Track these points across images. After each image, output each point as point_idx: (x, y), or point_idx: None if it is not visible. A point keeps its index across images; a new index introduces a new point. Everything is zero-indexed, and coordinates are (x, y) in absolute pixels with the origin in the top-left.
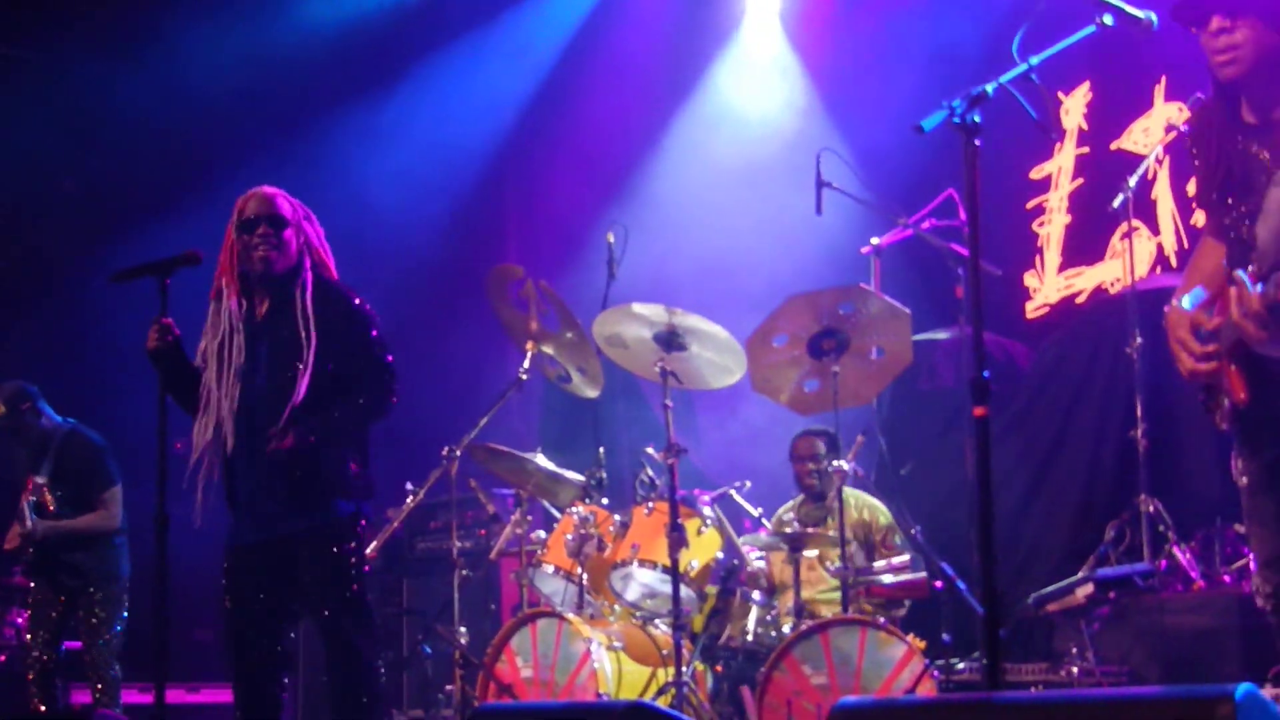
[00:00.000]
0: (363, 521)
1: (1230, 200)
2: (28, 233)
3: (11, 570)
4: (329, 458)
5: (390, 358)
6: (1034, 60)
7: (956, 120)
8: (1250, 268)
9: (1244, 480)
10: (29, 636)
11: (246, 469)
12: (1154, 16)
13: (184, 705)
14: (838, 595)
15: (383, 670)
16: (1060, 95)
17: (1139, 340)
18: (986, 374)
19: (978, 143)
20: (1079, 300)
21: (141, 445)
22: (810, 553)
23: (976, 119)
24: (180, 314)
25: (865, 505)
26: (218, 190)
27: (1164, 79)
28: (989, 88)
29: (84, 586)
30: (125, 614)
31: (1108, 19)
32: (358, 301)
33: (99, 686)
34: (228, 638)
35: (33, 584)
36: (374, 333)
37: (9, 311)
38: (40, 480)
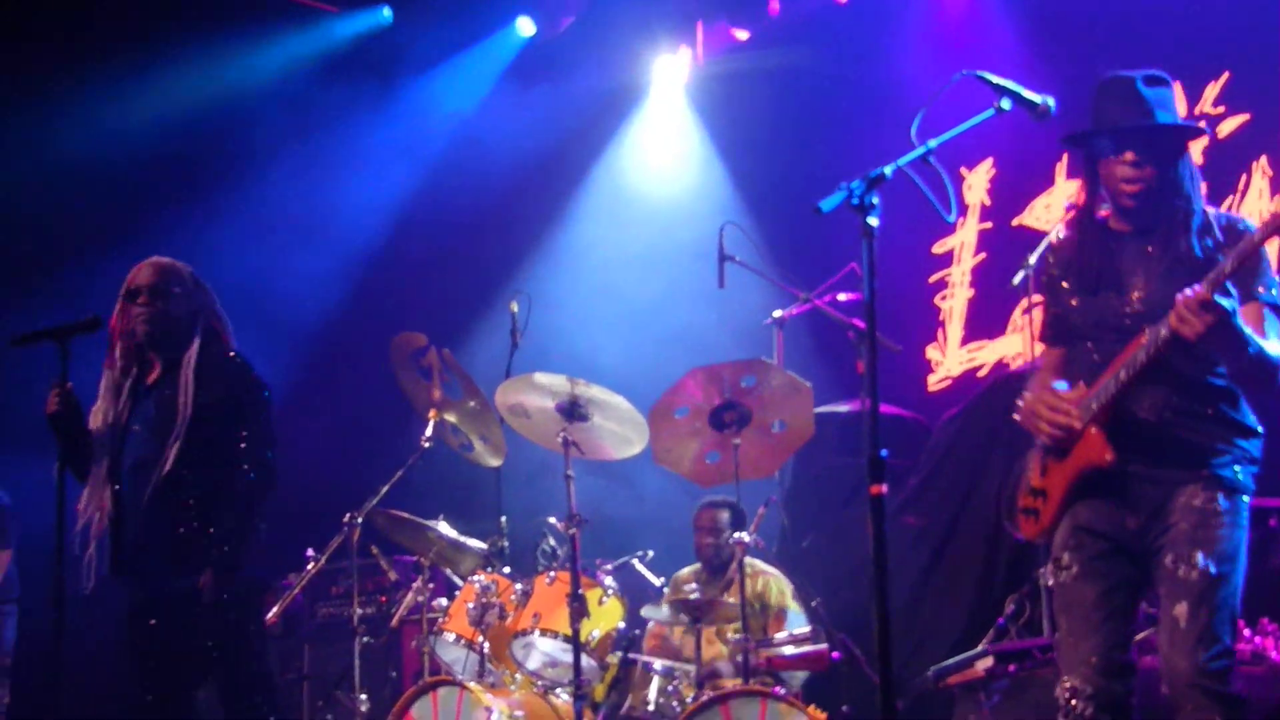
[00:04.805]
0: (258, 587)
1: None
2: None
3: None
4: (197, 527)
5: (270, 453)
6: (932, 143)
7: (854, 202)
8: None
9: (1072, 570)
10: None
11: (131, 532)
12: (1051, 102)
13: None
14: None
15: None
16: (964, 171)
17: None
18: (884, 452)
19: (875, 223)
20: (980, 374)
21: (34, 511)
22: (712, 628)
23: (874, 200)
24: (80, 378)
25: (764, 574)
26: (120, 254)
27: (1065, 157)
28: (887, 170)
29: None
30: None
31: (1005, 104)
32: (249, 378)
33: None
34: (135, 704)
35: None
36: (260, 413)
37: None
38: None
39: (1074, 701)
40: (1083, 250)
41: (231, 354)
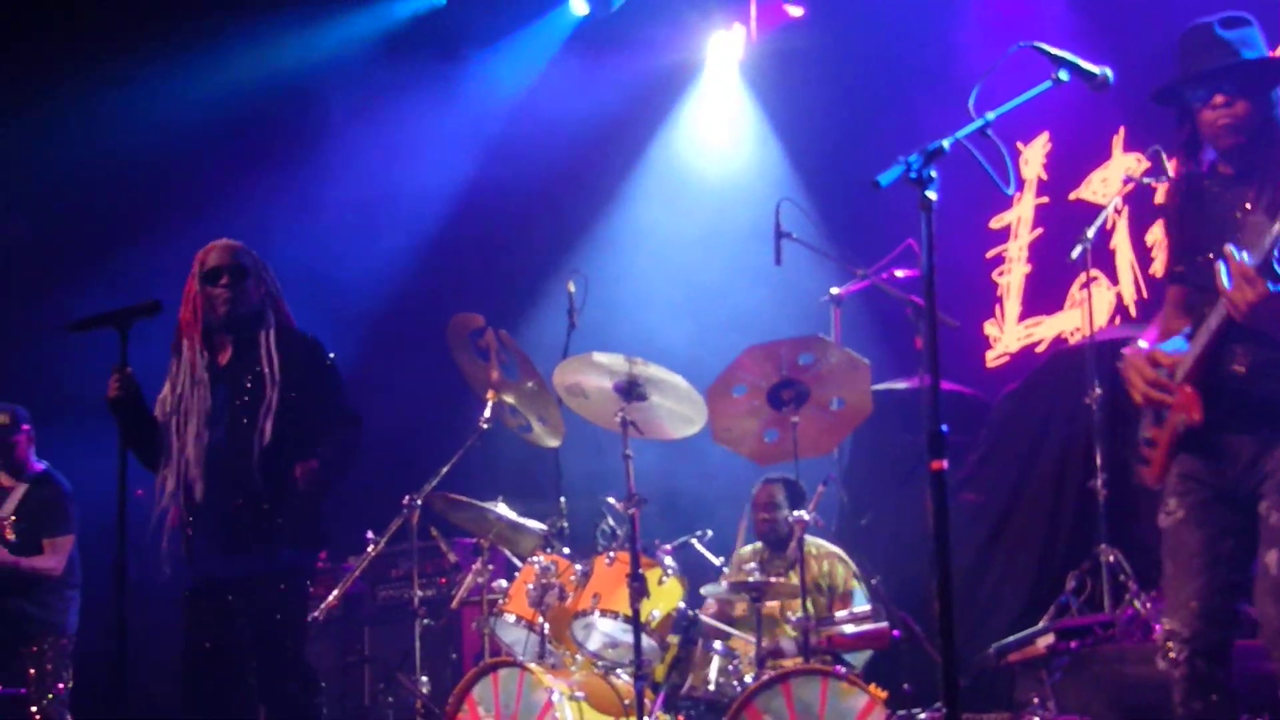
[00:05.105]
0: (308, 575)
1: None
2: None
3: None
4: (282, 506)
5: (353, 405)
6: (990, 116)
7: (913, 176)
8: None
9: (1178, 515)
10: None
11: (202, 515)
12: (1109, 73)
13: None
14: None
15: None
16: (1019, 146)
17: (1098, 391)
18: (945, 428)
19: (933, 197)
20: (1039, 350)
21: (91, 495)
22: (772, 603)
23: (933, 174)
24: (139, 362)
25: (827, 554)
26: (175, 236)
27: (1122, 130)
28: (945, 143)
29: (29, 637)
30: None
31: (1063, 75)
32: (323, 350)
33: None
34: (183, 681)
35: None
36: (339, 382)
37: None
38: (3, 515)
39: (1169, 644)
40: (1184, 206)
41: (302, 331)
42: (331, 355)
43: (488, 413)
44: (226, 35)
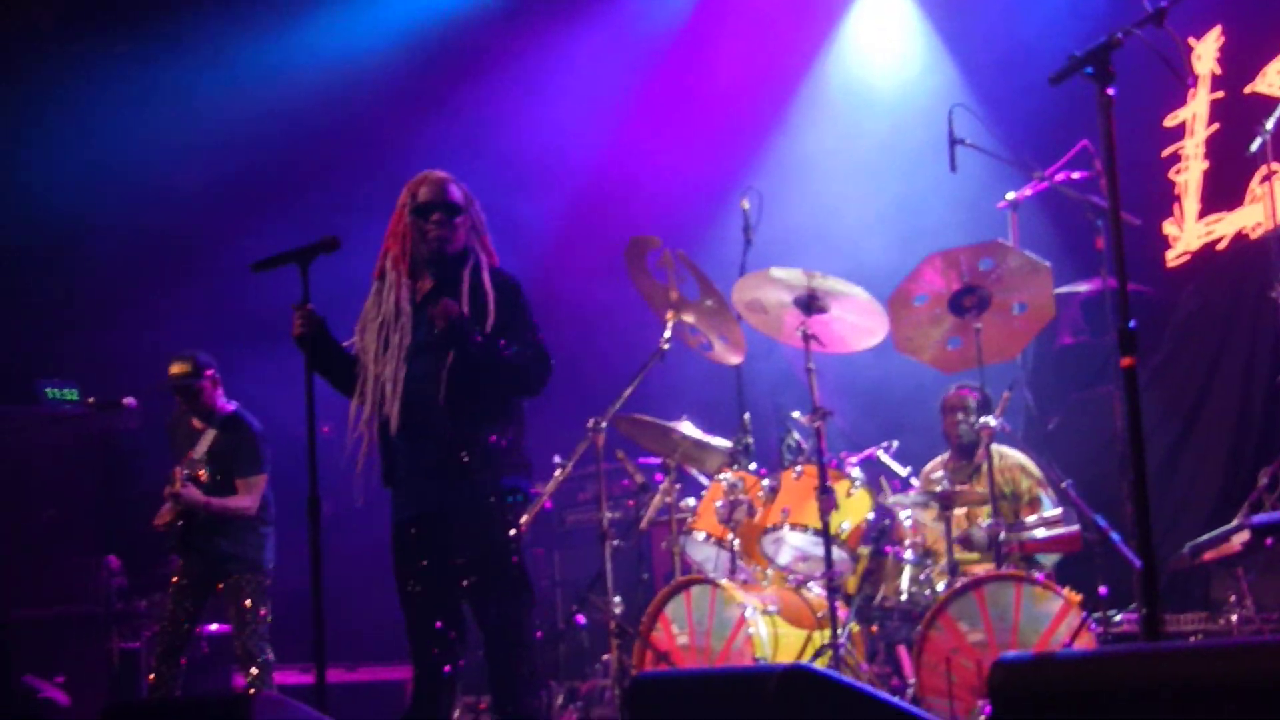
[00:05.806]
0: (521, 497)
1: None
2: (168, 219)
3: (171, 559)
4: (488, 432)
5: (546, 345)
6: (1164, 7)
7: (1089, 70)
8: None
9: None
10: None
11: (407, 444)
12: None
13: (342, 684)
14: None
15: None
16: (1191, 41)
17: None
18: (1133, 324)
19: (1111, 92)
20: (1220, 247)
21: (286, 429)
22: (960, 510)
23: (1110, 70)
24: (318, 296)
25: (1011, 463)
26: (350, 175)
27: None
28: (1119, 36)
29: (227, 575)
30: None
31: None
32: (520, 291)
33: (252, 670)
34: (404, 613)
35: (180, 562)
36: (533, 319)
37: (156, 297)
38: (197, 457)
39: None
40: None
41: (501, 268)
42: (528, 293)
43: (668, 333)
44: None
